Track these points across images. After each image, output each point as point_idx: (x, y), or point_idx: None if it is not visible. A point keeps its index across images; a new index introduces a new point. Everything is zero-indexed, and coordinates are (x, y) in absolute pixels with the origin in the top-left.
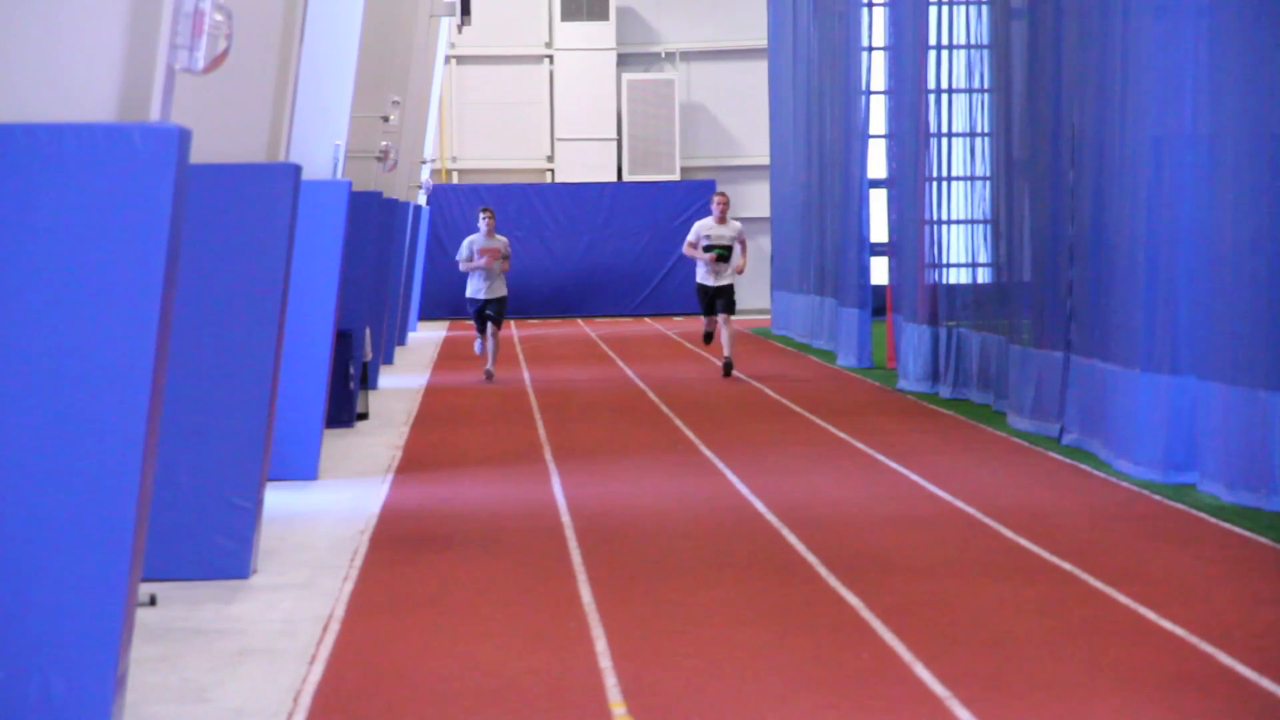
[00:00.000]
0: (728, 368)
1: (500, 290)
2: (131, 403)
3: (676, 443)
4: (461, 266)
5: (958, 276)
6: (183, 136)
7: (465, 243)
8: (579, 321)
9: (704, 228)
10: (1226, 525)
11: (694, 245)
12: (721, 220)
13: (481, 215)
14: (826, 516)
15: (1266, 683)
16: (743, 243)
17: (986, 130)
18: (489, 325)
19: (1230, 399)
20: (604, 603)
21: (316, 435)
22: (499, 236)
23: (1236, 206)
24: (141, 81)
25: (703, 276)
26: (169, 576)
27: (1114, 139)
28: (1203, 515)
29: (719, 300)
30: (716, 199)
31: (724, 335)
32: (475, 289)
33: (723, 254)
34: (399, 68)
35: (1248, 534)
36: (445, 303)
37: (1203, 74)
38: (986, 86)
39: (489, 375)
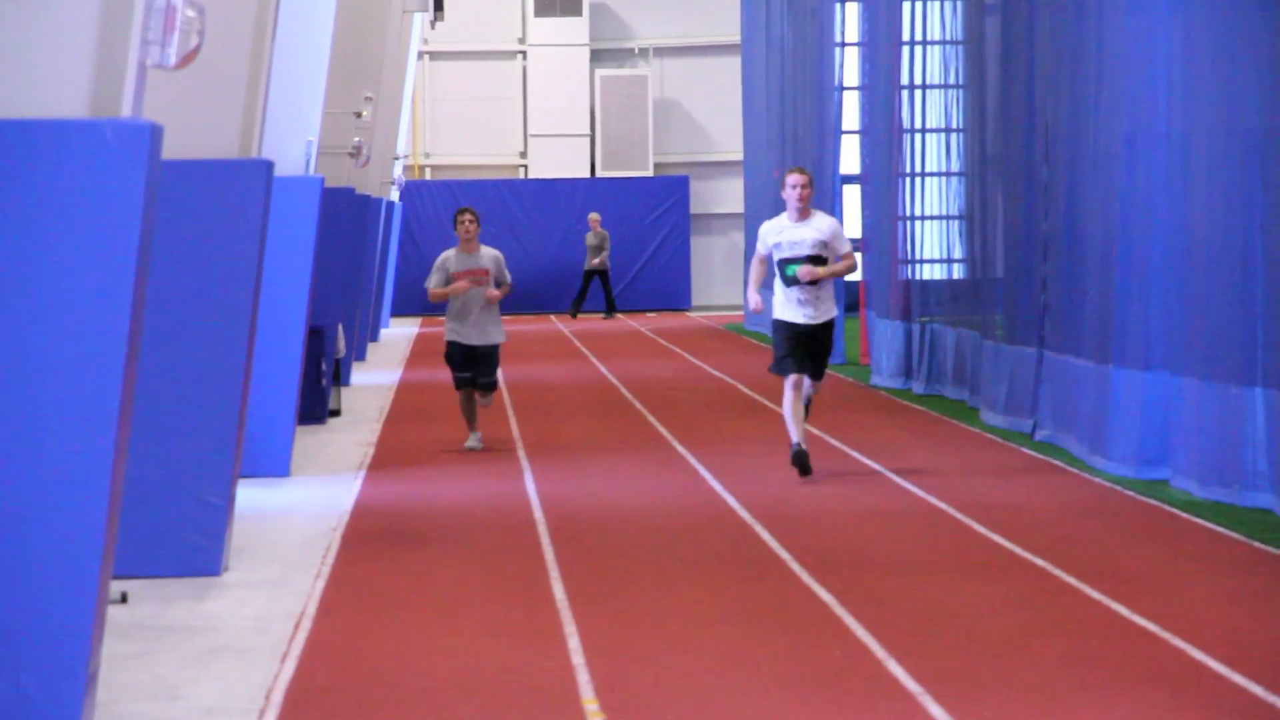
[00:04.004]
0: (800, 460)
1: (493, 333)
2: (102, 399)
3: (650, 440)
4: (431, 294)
5: (931, 272)
6: (154, 132)
7: (436, 262)
8: (552, 318)
9: (774, 231)
10: (1199, 521)
11: (763, 261)
12: (801, 214)
13: (459, 220)
14: (799, 513)
15: (1238, 678)
16: (845, 257)
17: (960, 126)
18: (477, 393)
19: (1203, 395)
20: (577, 600)
21: (289, 432)
22: (487, 249)
23: (1209, 203)
24: (113, 77)
25: (786, 307)
26: (140, 574)
27: (1087, 135)
28: (1175, 511)
29: (814, 357)
30: (792, 180)
31: (800, 409)
32: (453, 326)
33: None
34: (372, 63)
35: (1220, 530)
36: (418, 299)
37: (1176, 71)
38: (960, 82)
39: (475, 444)
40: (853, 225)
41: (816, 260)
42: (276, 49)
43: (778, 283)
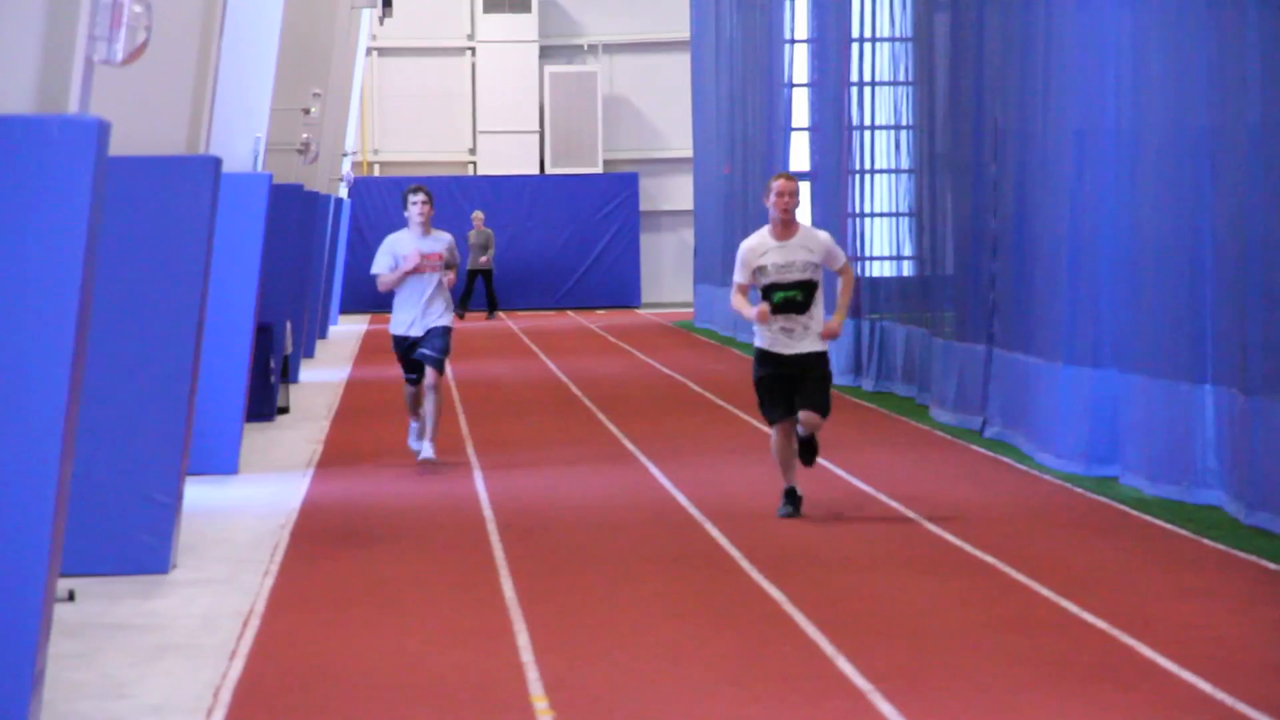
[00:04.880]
0: (792, 500)
1: (441, 316)
2: (49, 397)
3: (599, 437)
4: (380, 283)
5: (881, 270)
6: (101, 129)
7: (384, 245)
8: (501, 315)
9: (757, 252)
10: (1148, 518)
11: (744, 289)
12: (786, 227)
13: (411, 200)
14: (750, 510)
15: (1187, 675)
16: (844, 274)
17: (909, 123)
18: (427, 372)
19: (1152, 392)
20: (526, 597)
21: (237, 429)
22: (439, 233)
23: (1158, 201)
24: (59, 73)
25: (768, 333)
26: (88, 572)
27: (1037, 133)
28: (1125, 508)
29: (800, 387)
30: (778, 187)
31: (801, 447)
32: (402, 318)
33: (793, 298)
34: (320, 60)
35: (1169, 527)
36: (367, 296)
37: (1125, 68)
38: (909, 79)
39: (427, 460)
40: (802, 222)
41: (808, 286)
42: (224, 45)
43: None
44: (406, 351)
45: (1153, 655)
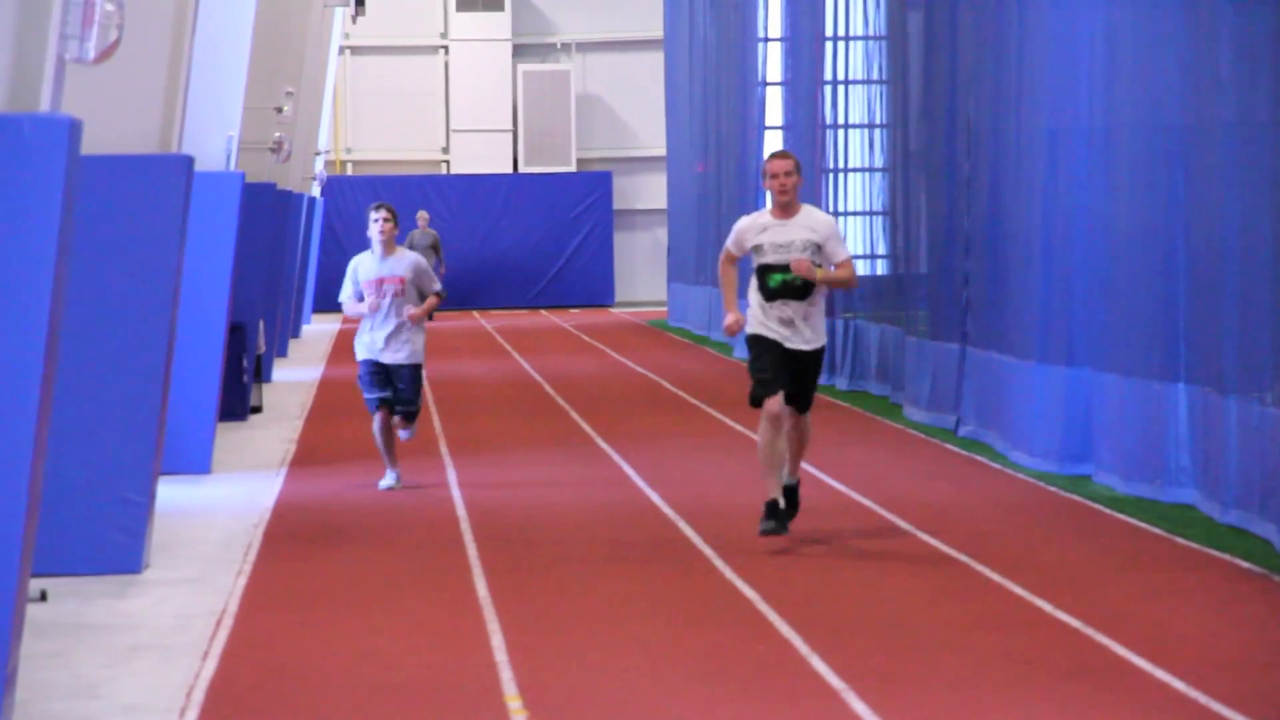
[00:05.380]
0: (787, 504)
1: (410, 351)
2: (21, 396)
3: (573, 436)
4: (346, 309)
5: (855, 268)
6: (74, 127)
7: (348, 270)
8: (475, 314)
9: (753, 229)
10: (1122, 516)
11: (732, 260)
12: (785, 209)
13: (373, 218)
14: (723, 508)
15: (1160, 673)
16: (842, 265)
17: (883, 122)
18: (396, 418)
19: (1126, 391)
20: (499, 597)
21: (210, 429)
22: (406, 253)
23: (1131, 199)
24: (31, 72)
25: (764, 322)
26: (60, 571)
27: (1010, 131)
28: (1098, 507)
29: (797, 387)
30: (774, 167)
31: (793, 443)
32: (368, 342)
33: (792, 282)
34: (293, 58)
35: (1143, 525)
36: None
37: (1098, 67)
38: (883, 78)
39: (392, 482)
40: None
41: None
42: (196, 43)
43: (754, 295)
44: (369, 374)
45: (1125, 653)
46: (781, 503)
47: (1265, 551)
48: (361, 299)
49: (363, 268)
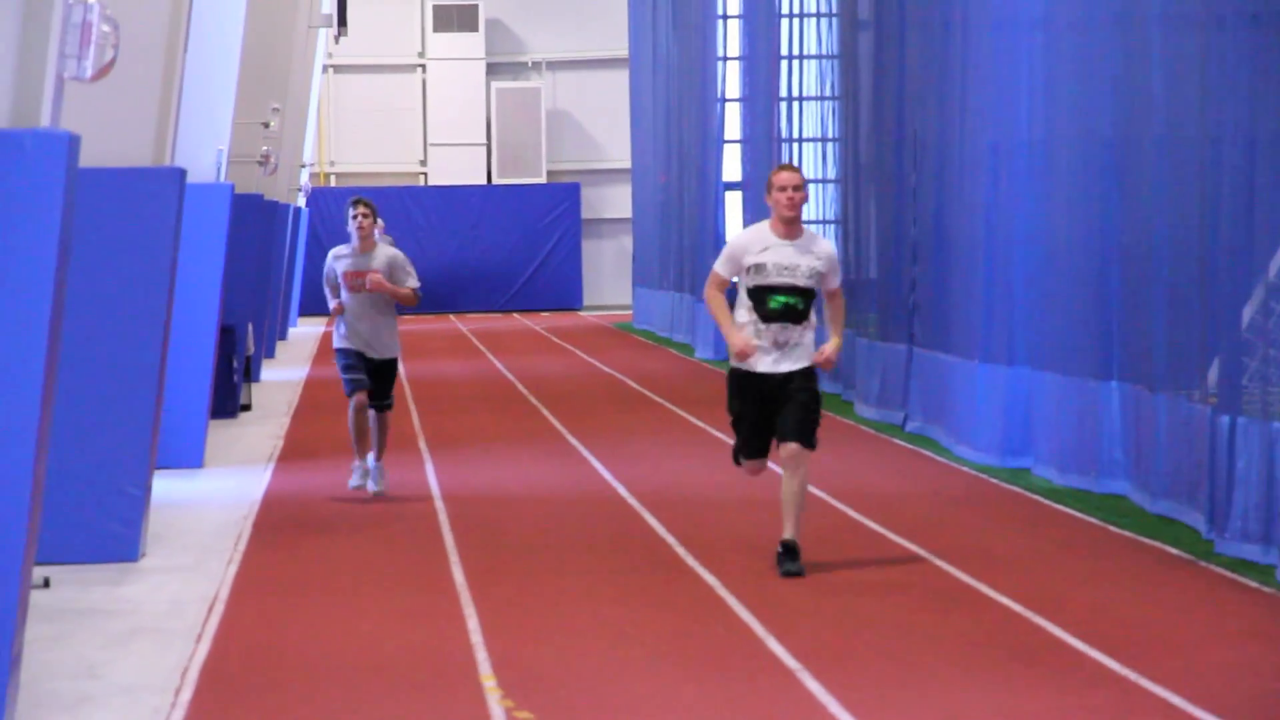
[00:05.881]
0: (790, 556)
1: (387, 345)
2: (24, 396)
3: (544, 431)
4: (331, 304)
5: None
6: (72, 142)
7: (329, 259)
8: (451, 317)
9: (755, 246)
10: (1058, 506)
11: (723, 285)
12: (790, 226)
13: (352, 213)
14: (685, 500)
15: (1094, 653)
16: (834, 297)
17: (835, 136)
18: (371, 410)
19: (1062, 388)
20: (475, 583)
21: (202, 425)
22: (385, 249)
23: (1068, 208)
24: (32, 90)
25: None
26: (62, 560)
27: (954, 145)
28: (1037, 497)
29: (782, 411)
30: (782, 180)
31: (786, 493)
32: (346, 333)
33: (793, 305)
34: (279, 76)
35: (1078, 514)
36: (324, 299)
37: (1037, 84)
38: (835, 95)
39: (378, 492)
40: (734, 229)
41: (809, 295)
42: (188, 62)
43: (742, 315)
44: (353, 364)
45: (1062, 635)
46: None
47: (1192, 539)
48: (338, 291)
49: (342, 261)
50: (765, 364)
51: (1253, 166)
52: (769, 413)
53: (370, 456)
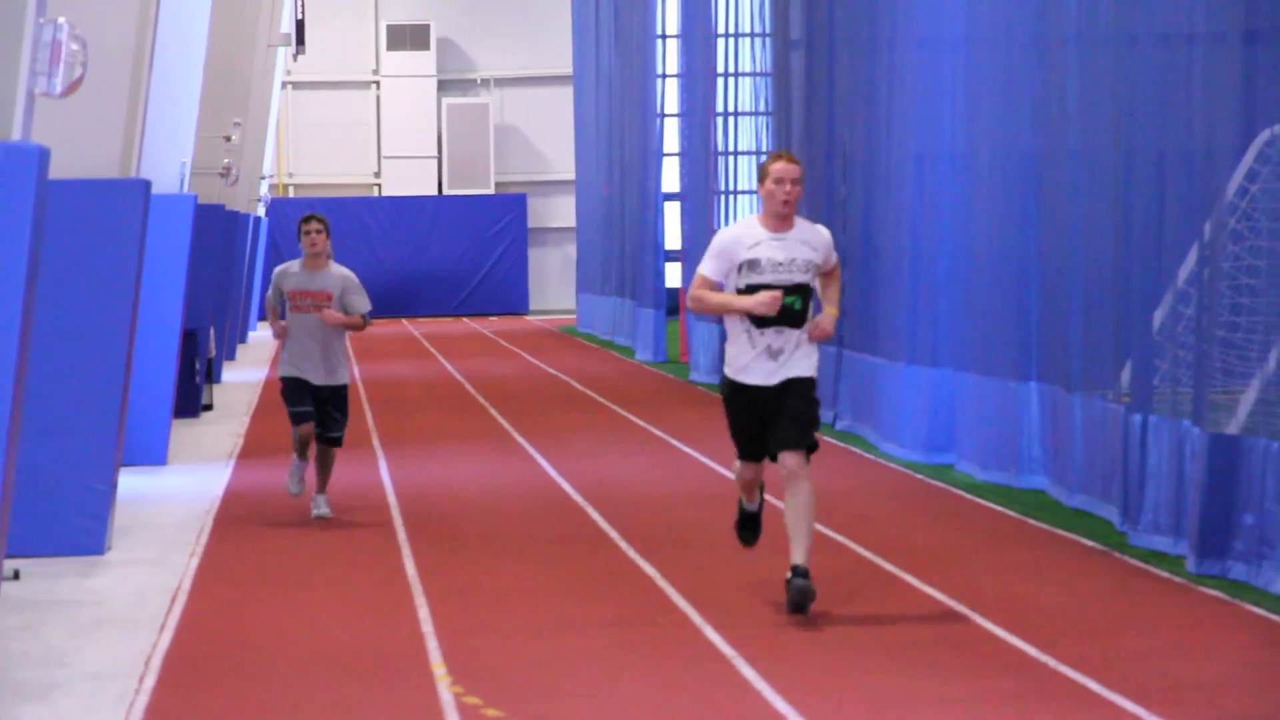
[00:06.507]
0: (801, 595)
1: (337, 372)
2: None
3: (492, 430)
4: (274, 328)
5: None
6: (42, 155)
7: (275, 275)
8: (404, 321)
9: (745, 242)
10: (980, 501)
11: (711, 286)
12: (784, 220)
13: (304, 229)
14: (627, 495)
15: (1015, 640)
16: (831, 273)
17: (768, 149)
18: (316, 441)
19: (984, 389)
20: (426, 574)
21: (165, 424)
22: (337, 268)
23: (990, 218)
24: (4, 104)
25: (741, 362)
26: (31, 553)
27: (881, 157)
28: (960, 492)
29: (779, 420)
30: (778, 171)
31: (790, 515)
32: (290, 358)
33: (791, 306)
34: (240, 92)
35: (999, 509)
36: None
37: (960, 98)
38: (769, 110)
39: (321, 516)
40: (673, 238)
41: (806, 292)
42: (153, 79)
43: (732, 323)
44: (298, 394)
45: (985, 623)
46: (756, 508)
47: (1107, 531)
48: (284, 312)
49: (290, 279)
50: (759, 375)
51: (1163, 178)
52: (764, 422)
53: (306, 466)
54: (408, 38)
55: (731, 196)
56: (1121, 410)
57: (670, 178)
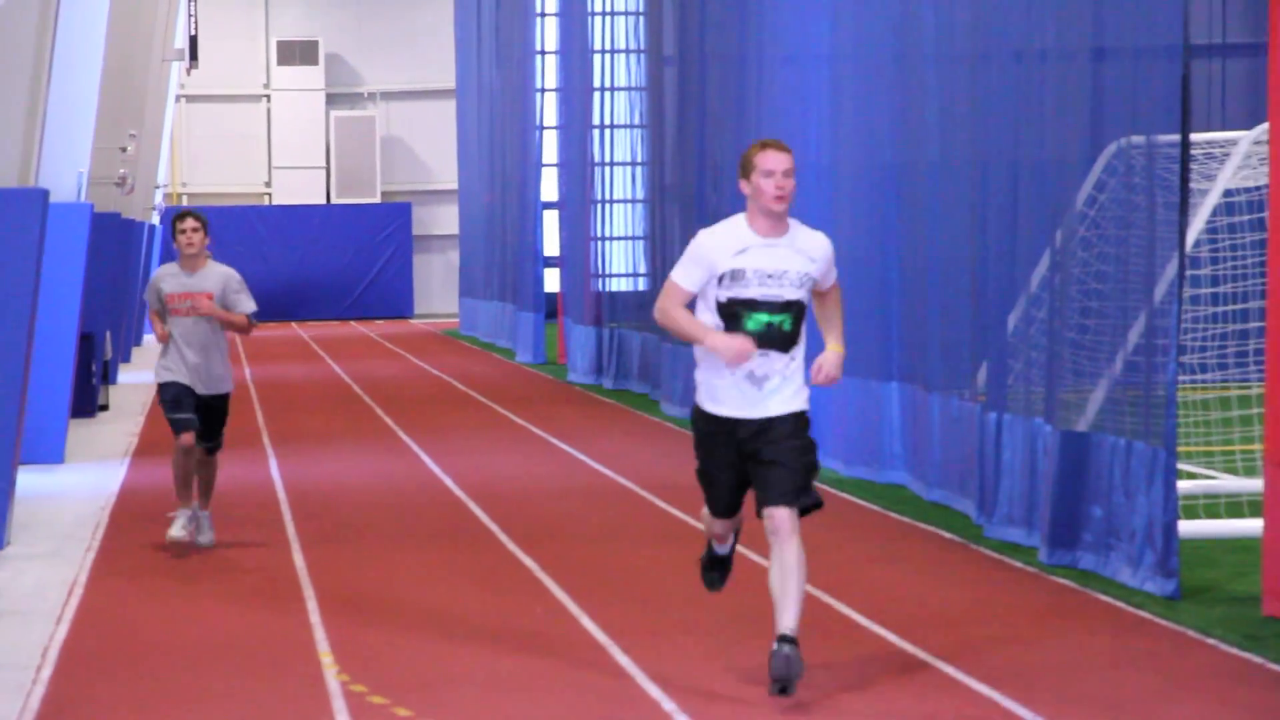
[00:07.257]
0: (786, 667)
1: (218, 378)
2: None
3: (378, 429)
4: (157, 331)
5: (619, 285)
6: None
7: (153, 280)
8: (293, 324)
9: (731, 247)
10: (845, 495)
11: (681, 301)
12: (777, 221)
13: (179, 228)
14: (506, 491)
15: (878, 629)
16: (830, 295)
17: (643, 160)
18: (199, 450)
19: (848, 389)
20: (314, 567)
21: (63, 423)
22: (217, 267)
23: (853, 226)
24: None
25: (715, 389)
26: None
27: None
28: (824, 487)
29: (766, 465)
30: (769, 163)
31: (777, 575)
32: (170, 364)
33: (779, 326)
34: (135, 105)
35: (862, 503)
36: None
37: (825, 112)
38: (643, 123)
39: (204, 541)
40: (551, 245)
41: (798, 311)
42: (51, 91)
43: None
44: (173, 395)
45: (849, 612)
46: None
47: (964, 524)
48: (163, 315)
49: (168, 280)
50: (736, 405)
51: (1016, 188)
52: (740, 469)
53: (196, 505)
54: (297, 53)
55: (608, 205)
56: (977, 409)
57: (549, 187)
